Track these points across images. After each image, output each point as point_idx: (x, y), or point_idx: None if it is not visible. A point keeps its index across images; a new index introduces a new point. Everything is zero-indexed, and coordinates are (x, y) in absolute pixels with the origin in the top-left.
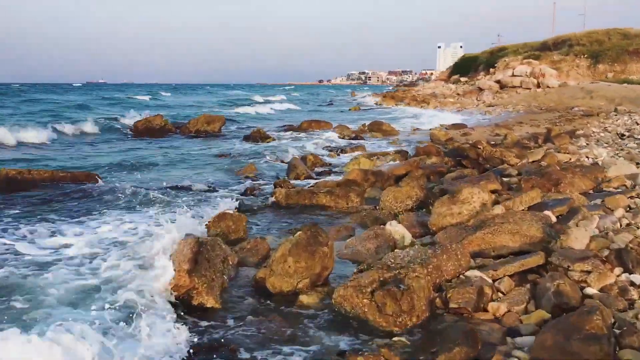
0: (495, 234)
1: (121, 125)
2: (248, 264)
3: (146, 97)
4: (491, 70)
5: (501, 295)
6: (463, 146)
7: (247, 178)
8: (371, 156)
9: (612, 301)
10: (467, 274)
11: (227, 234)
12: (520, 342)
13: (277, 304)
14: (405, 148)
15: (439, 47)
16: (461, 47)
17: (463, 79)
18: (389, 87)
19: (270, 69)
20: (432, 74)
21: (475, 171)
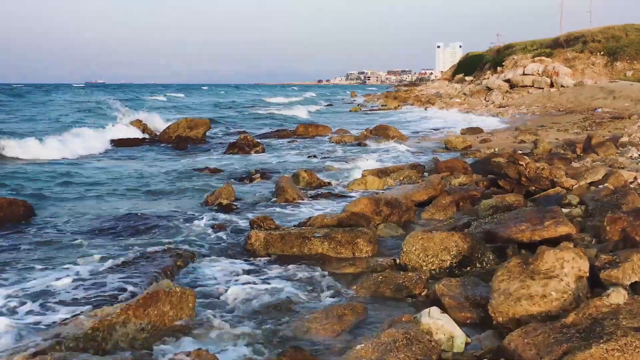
0: (633, 354)
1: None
2: None
3: (161, 97)
4: (499, 69)
5: None
6: (498, 161)
7: (220, 207)
8: (380, 173)
9: None
10: None
11: (158, 326)
12: None
13: None
14: (418, 157)
15: (437, 46)
16: (460, 46)
17: (468, 78)
18: (389, 87)
19: (269, 69)
20: (431, 73)
21: (520, 197)
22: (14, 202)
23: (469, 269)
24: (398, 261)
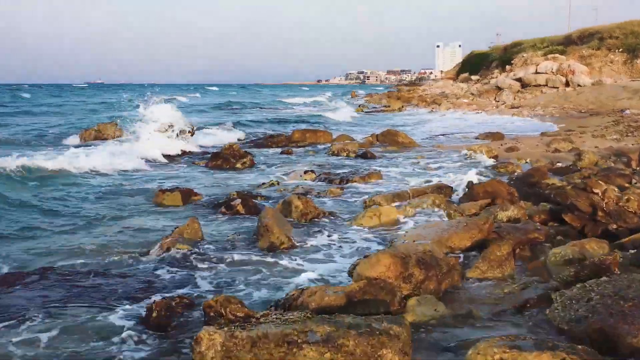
0: None
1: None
2: None
3: (182, 98)
4: (507, 67)
5: None
6: (563, 189)
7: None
8: (396, 198)
9: None
10: None
11: None
12: None
13: None
14: (435, 171)
15: (437, 46)
16: (460, 46)
17: (474, 78)
18: (389, 86)
19: (268, 69)
20: (431, 73)
21: (605, 244)
22: None
23: None
24: None
